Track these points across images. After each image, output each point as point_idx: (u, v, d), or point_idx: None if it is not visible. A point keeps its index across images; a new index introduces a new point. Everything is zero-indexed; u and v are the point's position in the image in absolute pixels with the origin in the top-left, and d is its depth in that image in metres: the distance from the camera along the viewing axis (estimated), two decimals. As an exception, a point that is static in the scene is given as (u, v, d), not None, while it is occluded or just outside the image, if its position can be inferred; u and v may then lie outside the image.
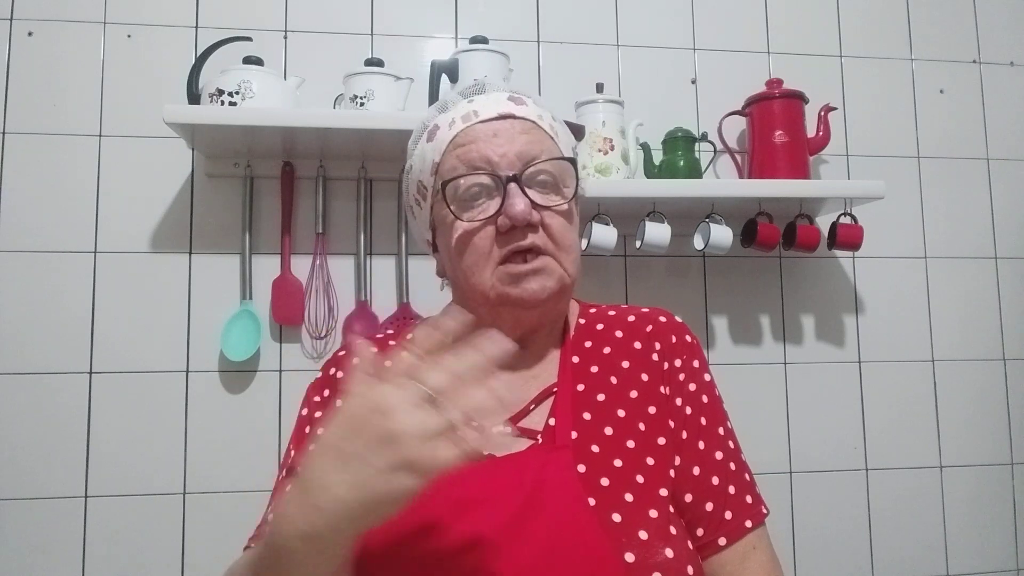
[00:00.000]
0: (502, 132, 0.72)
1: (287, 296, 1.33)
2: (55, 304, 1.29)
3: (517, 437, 0.72)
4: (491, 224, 0.71)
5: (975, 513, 1.50)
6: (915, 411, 1.51)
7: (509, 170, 0.71)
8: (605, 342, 0.78)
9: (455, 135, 0.73)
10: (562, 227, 0.73)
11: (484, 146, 0.72)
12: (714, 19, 1.54)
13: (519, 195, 0.70)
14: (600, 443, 0.70)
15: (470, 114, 0.74)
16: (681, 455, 0.72)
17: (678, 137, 1.40)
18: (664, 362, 0.76)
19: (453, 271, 0.77)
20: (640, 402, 0.73)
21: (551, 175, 0.73)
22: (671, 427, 0.73)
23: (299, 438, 0.78)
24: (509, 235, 0.71)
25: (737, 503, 0.71)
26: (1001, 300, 1.56)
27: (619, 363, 0.76)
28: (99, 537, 1.26)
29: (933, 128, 1.58)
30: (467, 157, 0.72)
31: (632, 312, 0.82)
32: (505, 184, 0.70)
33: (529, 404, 0.74)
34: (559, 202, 0.73)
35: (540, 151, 0.73)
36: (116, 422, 1.29)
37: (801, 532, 1.44)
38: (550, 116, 0.78)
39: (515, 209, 0.69)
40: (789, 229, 1.41)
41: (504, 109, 0.74)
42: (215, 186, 1.35)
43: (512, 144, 0.72)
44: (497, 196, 0.71)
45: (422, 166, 0.76)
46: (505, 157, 0.71)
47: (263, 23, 1.39)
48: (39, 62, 1.34)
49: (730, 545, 0.69)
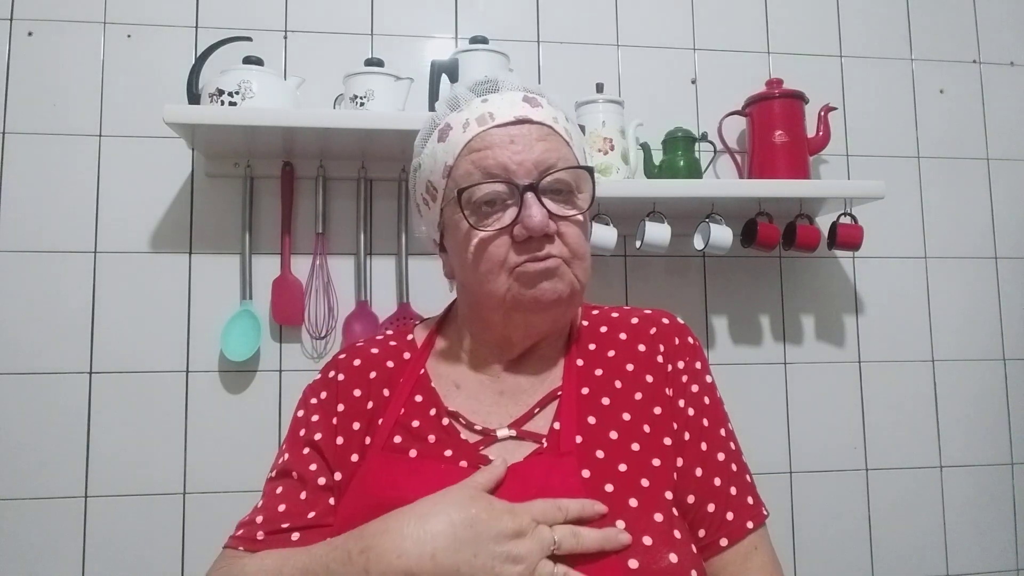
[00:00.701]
0: (519, 138, 0.71)
1: (287, 296, 1.33)
2: (55, 304, 1.29)
3: (522, 441, 0.72)
4: (506, 233, 0.70)
5: (975, 513, 1.50)
6: (915, 411, 1.51)
7: (526, 178, 0.70)
8: (609, 345, 0.78)
9: (470, 139, 0.72)
10: (577, 236, 0.73)
11: (500, 152, 0.70)
12: (714, 19, 1.54)
13: (536, 205, 0.69)
14: (605, 448, 0.70)
15: (485, 116, 0.72)
16: (684, 456, 0.72)
17: (678, 137, 1.40)
18: (668, 364, 0.76)
19: (464, 277, 0.76)
20: (645, 404, 0.73)
21: (568, 183, 0.72)
22: (674, 428, 0.73)
23: (293, 440, 0.77)
24: (525, 244, 0.70)
25: (739, 504, 0.72)
26: (1001, 300, 1.56)
27: (623, 366, 0.76)
28: (99, 537, 1.26)
29: (933, 128, 1.58)
30: (483, 164, 0.71)
31: (635, 314, 0.82)
32: (522, 193, 0.69)
33: (534, 407, 0.74)
34: (575, 212, 0.72)
35: (557, 159, 0.71)
36: (116, 422, 1.29)
37: (801, 532, 1.44)
38: (564, 117, 0.76)
39: (533, 221, 0.68)
40: (789, 229, 1.41)
41: (520, 112, 0.72)
42: (215, 186, 1.35)
43: (530, 152, 0.70)
44: (513, 205, 0.70)
45: (433, 166, 0.75)
46: (522, 165, 0.70)
47: (263, 23, 1.39)
48: (39, 62, 1.34)
49: (732, 546, 0.70)
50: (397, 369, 0.78)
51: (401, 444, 0.72)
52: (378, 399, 0.76)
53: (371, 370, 0.78)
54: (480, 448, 0.71)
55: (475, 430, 0.72)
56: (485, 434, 0.72)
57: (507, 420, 0.73)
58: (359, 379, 0.78)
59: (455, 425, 0.73)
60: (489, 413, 0.74)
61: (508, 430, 0.72)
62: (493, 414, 0.74)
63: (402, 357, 0.80)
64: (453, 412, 0.74)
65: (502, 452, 0.70)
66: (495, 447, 0.71)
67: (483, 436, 0.72)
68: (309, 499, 0.72)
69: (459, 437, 0.72)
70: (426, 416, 0.74)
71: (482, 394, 0.76)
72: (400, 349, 0.81)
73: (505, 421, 0.73)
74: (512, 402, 0.75)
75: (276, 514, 0.71)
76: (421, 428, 0.73)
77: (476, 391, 0.77)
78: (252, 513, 0.74)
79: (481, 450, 0.71)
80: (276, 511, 0.72)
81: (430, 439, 0.72)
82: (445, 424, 0.73)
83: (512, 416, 0.74)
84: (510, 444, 0.71)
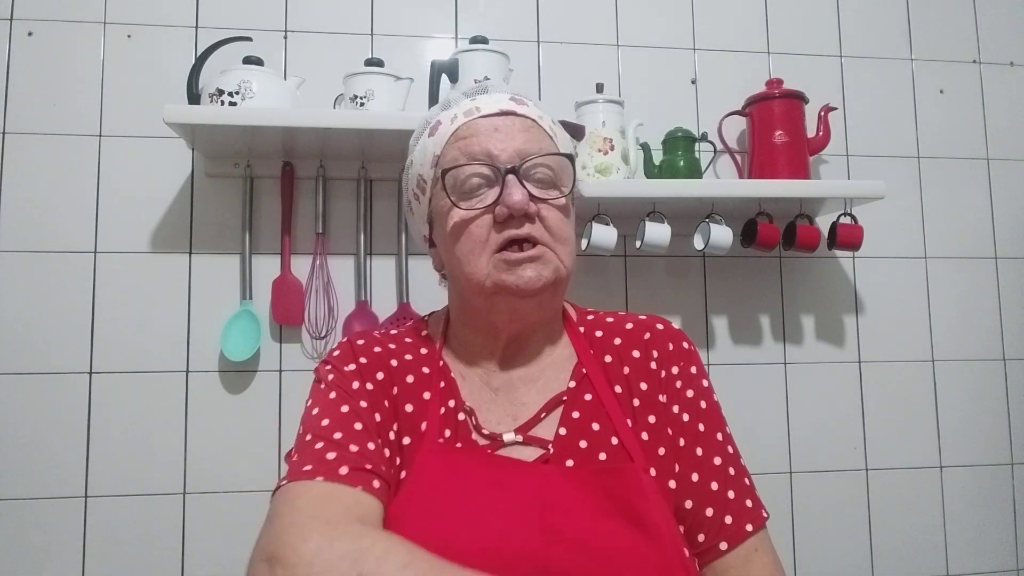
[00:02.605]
0: (503, 128, 0.74)
1: (287, 296, 1.33)
2: (55, 304, 1.29)
3: (527, 447, 0.72)
4: (488, 213, 0.72)
5: (975, 513, 1.50)
6: (915, 411, 1.51)
7: (509, 163, 0.72)
8: (605, 351, 0.79)
9: (456, 128, 0.75)
10: (559, 219, 0.74)
11: (485, 139, 0.73)
12: (714, 19, 1.54)
13: (517, 186, 0.71)
14: (608, 453, 0.70)
15: (472, 110, 0.75)
16: (680, 462, 0.72)
17: (678, 137, 1.40)
18: (661, 370, 0.76)
19: (449, 262, 0.77)
20: (641, 412, 0.74)
21: (550, 171, 0.74)
22: (669, 435, 0.73)
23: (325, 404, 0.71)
24: (506, 224, 0.71)
25: (737, 507, 0.72)
26: (1001, 300, 1.56)
27: (620, 371, 0.76)
28: (99, 537, 1.26)
29: (933, 128, 1.58)
30: (468, 149, 0.73)
31: (630, 319, 0.82)
32: (504, 175, 0.71)
33: (540, 412, 0.74)
34: (556, 195, 0.74)
35: (539, 148, 0.74)
36: (116, 422, 1.29)
37: (801, 532, 1.44)
38: (549, 118, 0.79)
39: (513, 199, 0.70)
40: (789, 229, 1.41)
41: (506, 107, 0.75)
42: (215, 186, 1.35)
43: (512, 140, 0.73)
44: (496, 187, 0.72)
45: (422, 159, 0.77)
46: (505, 151, 0.72)
47: (263, 23, 1.39)
48: (39, 62, 1.33)
49: (731, 549, 0.70)
50: (416, 361, 0.78)
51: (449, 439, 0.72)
52: (402, 385, 0.75)
53: (392, 357, 0.77)
54: (488, 452, 0.71)
55: (482, 433, 0.73)
56: (492, 437, 0.72)
57: (505, 419, 0.74)
58: (381, 364, 0.76)
59: (468, 423, 0.73)
60: (488, 411, 0.75)
61: (514, 435, 0.72)
62: (492, 412, 0.75)
63: (419, 352, 0.80)
64: (469, 409, 0.74)
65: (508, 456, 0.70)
66: (501, 451, 0.71)
67: (491, 440, 0.72)
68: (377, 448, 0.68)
69: (470, 437, 0.72)
70: (447, 408, 0.74)
71: (479, 391, 0.77)
72: (416, 345, 0.81)
73: (504, 420, 0.74)
74: (507, 400, 0.75)
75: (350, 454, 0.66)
76: (443, 420, 0.73)
77: (473, 387, 0.77)
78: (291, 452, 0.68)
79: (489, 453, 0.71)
80: (348, 449, 0.66)
81: (446, 434, 0.72)
82: (460, 420, 0.73)
83: (513, 416, 0.74)
84: (515, 449, 0.71)
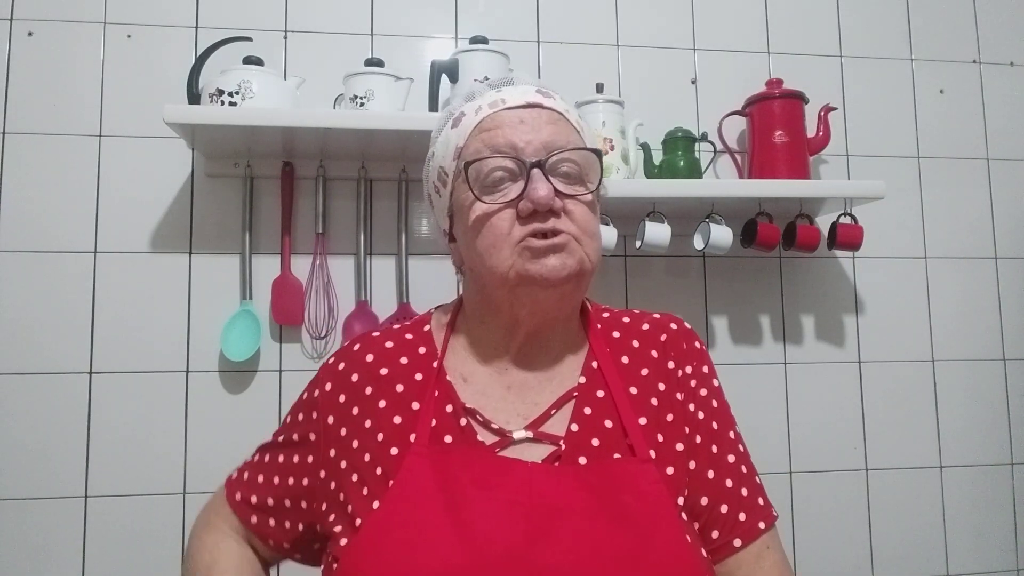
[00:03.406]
0: (528, 120, 0.71)
1: (287, 296, 1.33)
2: (55, 304, 1.29)
3: (538, 443, 0.71)
4: (512, 207, 0.69)
5: (975, 513, 1.50)
6: (915, 411, 1.51)
7: (534, 157, 0.70)
8: (623, 351, 0.78)
9: (481, 120, 0.72)
10: (585, 214, 0.71)
11: (510, 132, 0.70)
12: (714, 19, 1.54)
13: (542, 180, 0.68)
14: (622, 452, 0.70)
15: (497, 101, 0.73)
16: (696, 459, 0.72)
17: (678, 137, 1.40)
18: (678, 369, 0.76)
19: (470, 257, 0.74)
20: (659, 410, 0.73)
21: (576, 166, 0.72)
22: (686, 432, 0.73)
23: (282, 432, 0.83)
24: (530, 219, 0.69)
25: (750, 505, 0.72)
26: (1001, 300, 1.56)
27: (639, 371, 0.76)
28: (99, 537, 1.26)
29: (933, 128, 1.58)
30: (492, 142, 0.71)
31: (645, 319, 0.81)
32: (529, 169, 0.69)
33: (550, 408, 0.73)
34: (582, 191, 0.72)
35: (566, 142, 0.71)
36: (116, 422, 1.29)
37: (801, 532, 1.44)
38: (576, 113, 0.77)
39: (538, 193, 0.67)
40: (789, 229, 1.41)
41: (532, 99, 0.73)
42: (215, 186, 1.35)
43: (538, 133, 0.71)
44: (520, 181, 0.70)
45: (444, 152, 0.75)
46: (531, 144, 0.70)
47: (263, 23, 1.39)
48: (39, 62, 1.33)
49: (745, 546, 0.70)
50: (412, 365, 0.76)
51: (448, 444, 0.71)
52: (391, 396, 0.74)
53: (383, 365, 0.76)
54: (496, 451, 0.70)
55: (492, 429, 0.71)
56: (501, 435, 0.71)
57: (515, 417, 0.72)
58: (370, 377, 0.76)
59: (472, 425, 0.71)
60: (497, 409, 0.73)
61: (525, 431, 0.71)
62: (500, 411, 0.73)
63: (417, 352, 0.78)
64: (471, 410, 0.72)
65: (518, 454, 0.69)
66: (511, 449, 0.70)
67: (499, 437, 0.71)
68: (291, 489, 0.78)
69: (476, 438, 0.71)
70: (443, 414, 0.72)
71: (490, 388, 0.75)
72: (416, 343, 0.79)
73: (513, 419, 0.72)
74: (519, 399, 0.74)
75: (261, 487, 0.81)
76: (438, 428, 0.71)
77: (484, 385, 0.75)
78: (242, 467, 0.85)
79: (498, 452, 0.70)
80: (268, 483, 0.80)
81: (447, 440, 0.70)
82: (463, 424, 0.71)
83: (524, 415, 0.73)
84: (526, 446, 0.70)
